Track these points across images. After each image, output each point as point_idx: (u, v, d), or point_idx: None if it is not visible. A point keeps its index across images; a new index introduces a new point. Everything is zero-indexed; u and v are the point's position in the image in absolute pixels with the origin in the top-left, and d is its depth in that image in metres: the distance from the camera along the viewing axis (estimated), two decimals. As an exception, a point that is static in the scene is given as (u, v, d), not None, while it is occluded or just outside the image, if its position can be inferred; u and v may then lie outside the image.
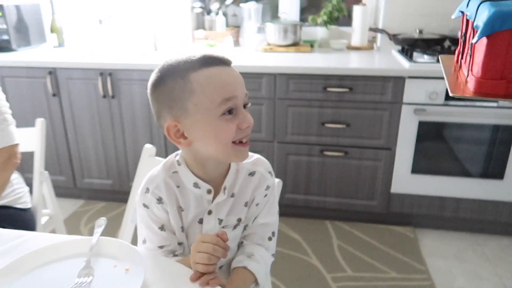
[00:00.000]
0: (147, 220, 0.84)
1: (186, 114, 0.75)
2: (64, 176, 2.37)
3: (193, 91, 0.73)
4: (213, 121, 0.74)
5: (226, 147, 0.76)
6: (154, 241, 0.84)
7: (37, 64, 2.16)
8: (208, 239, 0.73)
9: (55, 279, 0.72)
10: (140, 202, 0.84)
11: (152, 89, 0.78)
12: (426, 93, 1.86)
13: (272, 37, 2.36)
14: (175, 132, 0.77)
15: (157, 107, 0.78)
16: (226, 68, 0.76)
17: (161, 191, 0.82)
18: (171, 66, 0.76)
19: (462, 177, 1.97)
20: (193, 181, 0.82)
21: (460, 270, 1.83)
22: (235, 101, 0.75)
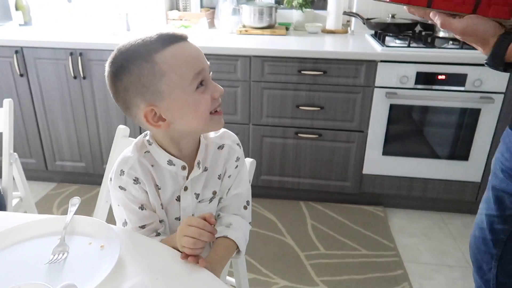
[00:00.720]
0: (126, 202, 0.83)
1: (161, 96, 0.74)
2: (34, 159, 2.31)
3: (163, 72, 0.72)
4: (189, 96, 0.75)
5: (205, 119, 0.78)
6: (135, 221, 0.83)
7: (3, 43, 2.07)
8: (194, 222, 0.74)
9: (30, 257, 0.71)
10: (115, 185, 0.82)
11: (115, 80, 0.74)
12: (397, 77, 1.91)
13: (247, 19, 2.35)
14: (153, 117, 0.76)
15: (126, 97, 0.75)
16: (186, 43, 0.76)
17: (136, 171, 0.81)
18: (130, 51, 0.73)
19: (430, 158, 2.05)
20: (167, 158, 0.82)
21: (426, 246, 1.92)
22: (204, 73, 0.76)
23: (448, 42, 1.98)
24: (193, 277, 0.67)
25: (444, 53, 1.85)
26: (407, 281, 1.70)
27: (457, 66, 1.86)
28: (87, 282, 0.64)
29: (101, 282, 0.63)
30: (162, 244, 0.76)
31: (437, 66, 1.87)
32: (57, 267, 0.69)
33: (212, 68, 2.03)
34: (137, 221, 0.83)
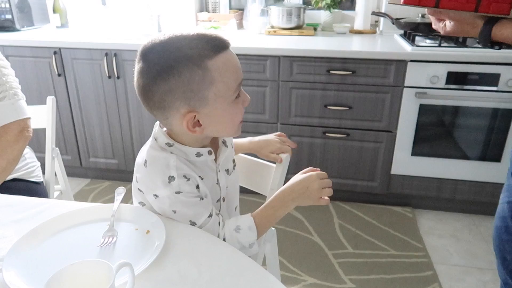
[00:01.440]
0: (185, 201, 0.78)
1: (205, 103, 0.74)
2: (70, 155, 2.40)
3: (213, 81, 0.72)
4: (229, 106, 0.77)
5: (237, 128, 0.82)
6: (202, 213, 0.80)
7: (42, 44, 2.17)
8: (321, 175, 0.87)
9: (81, 240, 0.76)
10: (170, 195, 0.77)
11: (157, 79, 0.71)
12: (427, 76, 1.90)
13: (275, 20, 2.38)
14: (191, 121, 0.76)
15: (166, 98, 0.73)
16: (230, 51, 0.77)
17: (183, 168, 0.79)
18: (180, 52, 0.71)
19: (461, 159, 2.02)
20: (195, 152, 0.82)
21: (456, 249, 1.90)
22: (241, 83, 0.79)
23: (480, 41, 1.95)
24: (235, 263, 0.70)
25: (476, 52, 1.83)
26: (437, 282, 1.68)
27: (489, 66, 1.83)
28: (136, 264, 0.67)
29: (150, 264, 0.67)
30: (203, 231, 0.79)
31: (469, 66, 1.85)
32: (107, 250, 0.73)
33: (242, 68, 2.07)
34: (204, 211, 0.81)
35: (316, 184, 0.85)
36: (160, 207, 0.81)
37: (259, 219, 0.84)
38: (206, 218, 0.81)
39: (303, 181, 0.86)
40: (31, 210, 0.85)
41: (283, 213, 0.86)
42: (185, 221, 0.81)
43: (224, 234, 0.82)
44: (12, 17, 2.39)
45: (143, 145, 0.85)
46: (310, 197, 0.84)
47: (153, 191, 0.79)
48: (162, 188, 0.77)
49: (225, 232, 0.83)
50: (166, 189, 0.77)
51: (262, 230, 0.85)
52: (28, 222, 0.81)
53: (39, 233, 0.75)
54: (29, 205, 0.88)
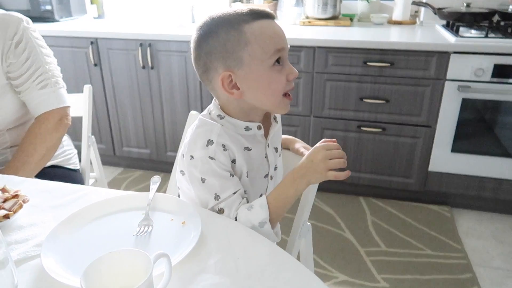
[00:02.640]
0: (216, 171, 0.79)
1: (240, 64, 0.77)
2: (104, 144, 2.45)
3: (248, 42, 0.76)
4: (266, 71, 0.78)
5: (276, 98, 0.80)
6: (228, 188, 0.80)
7: (79, 34, 2.21)
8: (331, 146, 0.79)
9: (117, 228, 0.76)
10: (203, 157, 0.79)
11: (201, 42, 0.78)
12: (471, 69, 1.80)
13: (310, 10, 2.32)
14: (228, 83, 0.79)
15: (207, 60, 0.79)
16: (273, 21, 0.80)
17: (224, 138, 0.80)
18: (222, 18, 0.77)
19: (504, 157, 1.91)
20: (244, 126, 0.84)
21: (497, 251, 1.80)
22: (283, 52, 0.79)
23: (531, 32, 1.83)
24: (273, 258, 0.68)
25: (527, 43, 1.71)
26: (476, 285, 1.60)
27: (541, 58, 1.71)
28: (173, 255, 0.66)
29: (186, 255, 0.65)
30: (239, 224, 0.77)
31: (518, 58, 1.74)
32: (143, 239, 0.72)
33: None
34: (231, 187, 0.80)
35: (320, 155, 0.78)
36: (191, 171, 0.81)
37: (271, 199, 0.80)
38: (230, 194, 0.80)
39: (309, 154, 0.81)
40: (68, 197, 0.86)
41: (294, 192, 0.80)
42: (210, 193, 0.80)
43: (237, 214, 0.79)
44: (52, 8, 2.44)
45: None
46: (316, 171, 0.78)
47: (191, 152, 0.80)
48: (200, 149, 0.79)
49: (238, 212, 0.79)
50: (202, 151, 0.79)
51: (275, 210, 0.79)
52: (65, 208, 0.82)
53: (76, 219, 0.75)
54: (67, 191, 0.89)
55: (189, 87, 2.16)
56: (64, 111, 1.23)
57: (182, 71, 2.15)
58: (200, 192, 0.81)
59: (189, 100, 2.19)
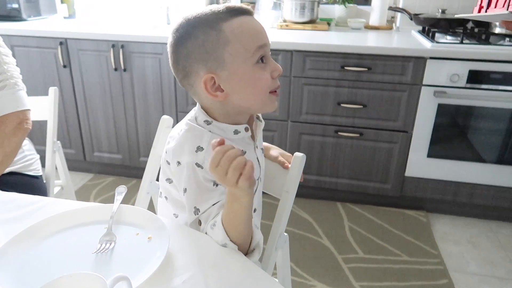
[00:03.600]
0: (199, 181, 0.74)
1: (222, 65, 0.73)
2: (74, 149, 2.34)
3: (228, 41, 0.72)
4: (249, 69, 0.74)
5: (264, 96, 0.77)
6: (208, 199, 0.74)
7: (48, 34, 2.11)
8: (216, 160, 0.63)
9: (76, 245, 0.69)
10: (190, 163, 0.74)
11: (178, 46, 0.75)
12: (447, 75, 1.81)
13: (288, 13, 2.30)
14: (212, 86, 0.75)
15: (187, 63, 0.75)
16: (252, 17, 0.77)
17: None
18: (198, 18, 0.74)
19: (479, 162, 1.93)
20: (232, 129, 0.81)
21: (473, 256, 1.81)
22: (266, 48, 0.76)
23: (504, 39, 1.85)
24: (246, 274, 0.63)
25: (501, 50, 1.73)
26: (453, 291, 1.60)
27: (514, 65, 1.74)
28: (136, 275, 0.60)
29: (151, 275, 0.60)
30: (210, 239, 0.72)
31: (492, 64, 1.76)
32: (104, 257, 0.66)
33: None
34: (212, 198, 0.74)
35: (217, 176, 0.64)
36: (178, 179, 0.77)
37: (224, 217, 0.71)
38: (210, 206, 0.75)
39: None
40: (24, 209, 0.79)
41: (240, 207, 0.68)
42: (190, 206, 0.76)
43: (206, 229, 0.74)
44: (19, 7, 2.33)
45: (178, 123, 0.84)
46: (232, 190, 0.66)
47: (178, 157, 0.76)
48: (187, 154, 0.75)
49: (206, 229, 0.74)
50: (189, 156, 0.75)
51: (231, 229, 0.70)
52: (19, 222, 0.75)
53: (30, 235, 0.69)
54: (23, 203, 0.81)
55: (164, 90, 2.10)
56: (24, 114, 1.15)
57: (156, 73, 2.08)
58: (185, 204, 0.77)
59: (163, 104, 2.12)
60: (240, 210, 0.68)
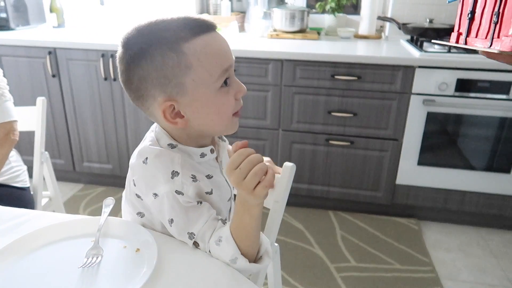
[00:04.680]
0: (183, 206, 0.69)
1: (183, 91, 0.67)
2: (63, 159, 2.32)
3: (190, 66, 0.65)
4: (213, 95, 0.68)
5: (227, 121, 0.71)
6: (198, 219, 0.70)
7: (36, 44, 2.10)
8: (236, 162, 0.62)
9: (62, 259, 0.68)
10: (169, 192, 0.68)
11: (131, 65, 0.66)
12: (436, 83, 1.83)
13: (278, 23, 2.31)
14: (171, 112, 0.68)
15: (141, 86, 0.67)
16: (215, 34, 0.69)
17: (188, 168, 0.70)
18: (154, 35, 0.65)
19: (468, 170, 1.95)
20: (199, 152, 0.75)
21: (464, 263, 1.81)
22: (231, 70, 0.70)
23: (490, 48, 1.88)
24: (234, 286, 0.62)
25: (488, 59, 1.75)
26: (445, 299, 1.60)
27: (500, 73, 1.76)
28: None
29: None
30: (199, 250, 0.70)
31: (479, 73, 1.78)
32: (90, 272, 0.64)
33: (243, 71, 2.00)
34: (202, 216, 0.70)
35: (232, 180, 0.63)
36: (160, 211, 0.70)
37: (233, 230, 0.69)
38: (202, 225, 0.70)
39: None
40: (8, 223, 0.77)
41: (251, 219, 0.67)
42: (182, 233, 0.70)
43: (210, 249, 0.70)
44: (7, 16, 2.31)
45: (137, 148, 0.76)
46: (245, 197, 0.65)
47: (153, 189, 0.69)
48: (163, 183, 0.68)
49: (210, 247, 0.70)
50: (166, 185, 0.68)
51: (241, 242, 0.68)
52: (3, 236, 0.73)
53: (14, 250, 0.67)
54: (7, 217, 0.80)
55: (154, 99, 2.09)
56: (11, 125, 1.13)
57: (146, 83, 2.07)
58: (174, 234, 0.72)
59: (153, 113, 2.11)
60: (251, 221, 0.67)
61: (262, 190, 0.61)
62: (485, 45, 0.59)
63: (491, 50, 0.58)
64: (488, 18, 0.60)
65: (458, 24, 0.69)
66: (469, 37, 0.66)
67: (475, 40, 0.64)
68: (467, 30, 0.66)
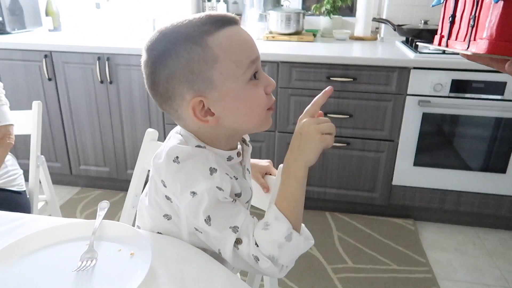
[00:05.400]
0: (221, 202, 0.67)
1: (211, 86, 0.65)
2: (59, 163, 2.31)
3: (216, 58, 0.64)
4: (243, 88, 0.66)
5: (259, 115, 0.69)
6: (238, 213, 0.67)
7: (33, 47, 2.10)
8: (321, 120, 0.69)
9: (57, 262, 0.68)
10: (210, 189, 0.65)
11: (157, 65, 0.65)
12: (431, 84, 1.84)
13: (274, 25, 2.32)
14: (200, 110, 0.67)
15: (168, 86, 0.65)
16: (238, 27, 0.68)
17: (223, 166, 0.69)
18: (178, 33, 0.64)
19: (464, 170, 1.95)
20: (226, 155, 0.73)
21: (460, 263, 1.82)
22: (258, 62, 0.68)
23: (485, 49, 1.89)
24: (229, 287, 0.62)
25: (482, 60, 1.77)
26: (441, 299, 1.60)
27: (495, 74, 1.77)
28: (117, 292, 0.59)
29: (132, 292, 0.59)
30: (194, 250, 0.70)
31: (474, 74, 1.79)
32: (85, 275, 0.65)
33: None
34: (241, 211, 0.68)
35: (307, 124, 0.68)
36: (195, 211, 0.66)
37: (281, 205, 0.68)
38: (244, 217, 0.67)
39: (296, 130, 0.70)
40: (3, 227, 0.77)
41: (297, 183, 0.67)
42: (223, 231, 0.66)
43: (255, 240, 0.66)
44: (3, 20, 2.31)
45: (160, 148, 0.73)
46: (308, 139, 0.66)
47: (191, 188, 0.65)
48: (203, 180, 0.65)
49: (255, 237, 0.66)
50: (207, 182, 0.65)
51: (292, 214, 0.67)
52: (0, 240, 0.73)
53: (8, 254, 0.67)
54: (1, 221, 0.80)
55: (150, 102, 2.09)
56: (6, 129, 1.13)
57: (142, 85, 2.07)
58: (211, 236, 0.67)
59: (150, 116, 2.11)
60: (297, 188, 0.67)
61: (331, 138, 0.67)
62: (463, 47, 0.60)
63: (467, 52, 0.59)
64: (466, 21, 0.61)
65: (441, 27, 0.70)
66: (450, 39, 0.67)
67: (455, 42, 0.65)
68: (448, 33, 0.67)
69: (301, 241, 0.68)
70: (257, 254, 0.66)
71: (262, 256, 0.65)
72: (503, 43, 0.55)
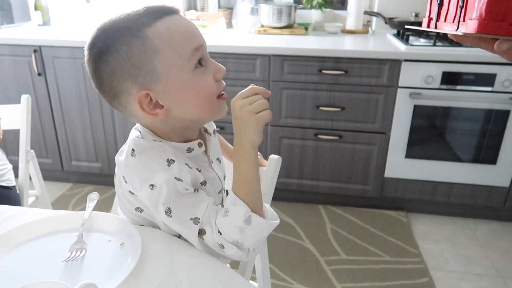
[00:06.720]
0: (181, 193, 0.66)
1: (156, 78, 0.64)
2: (50, 159, 2.29)
3: (156, 49, 0.63)
4: (189, 77, 0.65)
5: (210, 104, 0.68)
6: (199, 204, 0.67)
7: (22, 42, 2.07)
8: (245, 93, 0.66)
9: (46, 254, 0.67)
10: (168, 180, 0.64)
11: (99, 63, 0.64)
12: (422, 76, 1.84)
13: (266, 18, 2.31)
14: (148, 104, 0.66)
15: (113, 83, 0.65)
16: (178, 16, 0.67)
17: (181, 157, 0.69)
18: (116, 28, 0.63)
19: (455, 162, 1.97)
20: (185, 147, 0.72)
21: (452, 254, 1.84)
22: (203, 49, 0.67)
23: (475, 41, 1.90)
24: (220, 279, 0.62)
25: (472, 52, 1.78)
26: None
27: (485, 66, 1.78)
28: (107, 282, 0.59)
29: (121, 282, 0.58)
30: (183, 242, 0.70)
31: (464, 66, 1.80)
32: (74, 265, 0.64)
33: (231, 67, 2.00)
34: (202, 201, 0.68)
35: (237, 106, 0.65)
36: (155, 204, 0.66)
37: (236, 189, 0.68)
38: (205, 209, 0.67)
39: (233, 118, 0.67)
40: (-8, 219, 0.77)
41: (248, 165, 0.67)
42: (184, 222, 0.66)
43: (218, 227, 0.67)
44: (-9, 14, 2.28)
45: (121, 147, 0.74)
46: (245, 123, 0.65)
47: (149, 181, 0.65)
48: (160, 171, 0.65)
49: (217, 224, 0.67)
50: (165, 173, 0.65)
51: (248, 197, 0.67)
52: (-13, 233, 0.72)
53: (-4, 246, 0.67)
54: (-9, 214, 0.79)
55: (142, 97, 2.07)
56: (-6, 123, 1.12)
57: (133, 80, 2.05)
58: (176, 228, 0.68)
59: (142, 111, 2.10)
60: (249, 168, 0.67)
61: (266, 113, 0.65)
62: (453, 29, 0.61)
63: (457, 33, 0.59)
64: (455, 3, 0.61)
65: (429, 10, 0.71)
66: (439, 21, 0.68)
67: (444, 24, 0.65)
68: (437, 15, 0.68)
69: (262, 223, 0.67)
70: (221, 241, 0.66)
71: (227, 243, 0.66)
72: (492, 23, 0.55)
